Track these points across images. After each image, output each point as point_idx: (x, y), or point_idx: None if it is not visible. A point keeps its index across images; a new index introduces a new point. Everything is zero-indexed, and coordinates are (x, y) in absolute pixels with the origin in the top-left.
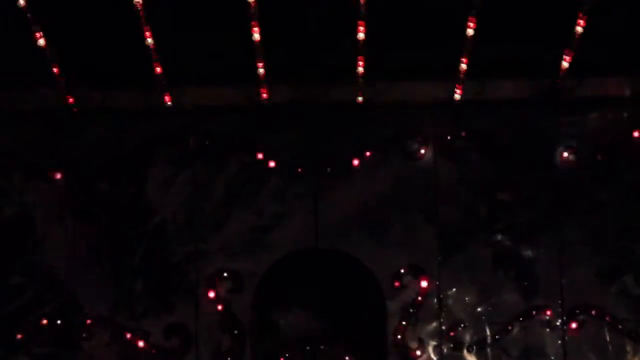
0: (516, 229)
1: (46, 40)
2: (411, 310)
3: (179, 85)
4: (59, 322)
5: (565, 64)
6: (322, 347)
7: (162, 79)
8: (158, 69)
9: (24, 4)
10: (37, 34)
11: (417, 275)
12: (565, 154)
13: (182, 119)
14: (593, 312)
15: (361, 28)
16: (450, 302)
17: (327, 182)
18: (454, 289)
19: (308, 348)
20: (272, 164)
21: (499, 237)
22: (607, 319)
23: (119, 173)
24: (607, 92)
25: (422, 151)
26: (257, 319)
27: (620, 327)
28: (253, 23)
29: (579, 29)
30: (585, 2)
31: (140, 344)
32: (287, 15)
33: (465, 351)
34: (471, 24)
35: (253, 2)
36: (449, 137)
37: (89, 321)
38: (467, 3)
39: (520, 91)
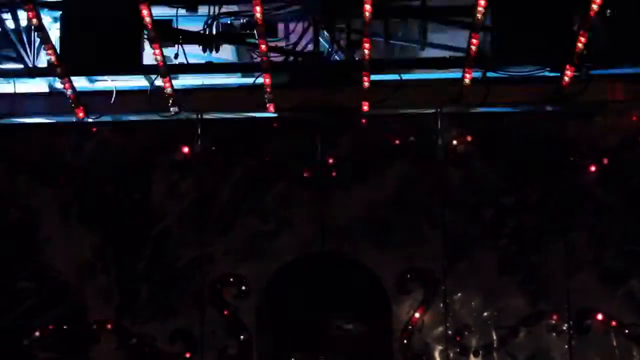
0: (522, 234)
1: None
2: (417, 315)
3: (184, 91)
4: (64, 327)
5: (571, 68)
6: (328, 351)
7: (168, 85)
8: (164, 74)
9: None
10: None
11: (424, 279)
12: (571, 159)
13: (187, 125)
14: (599, 317)
15: (367, 31)
16: (456, 306)
17: (333, 186)
18: (460, 294)
19: (315, 353)
20: (277, 168)
21: (505, 241)
22: (613, 323)
23: (125, 178)
24: (613, 97)
25: (428, 156)
26: (263, 323)
27: (626, 331)
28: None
29: (586, 33)
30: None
31: (146, 348)
32: None
33: (471, 356)
34: (476, 34)
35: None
36: (455, 142)
37: (94, 326)
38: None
39: (526, 96)
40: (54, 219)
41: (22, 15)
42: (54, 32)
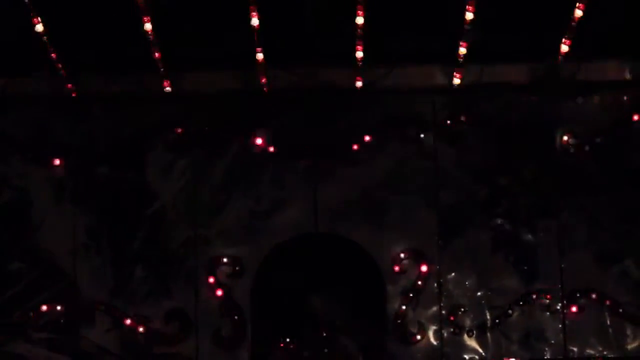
0: (516, 213)
1: (45, 25)
2: (411, 295)
3: (178, 71)
4: (58, 307)
5: (564, 48)
6: (322, 331)
7: (161, 64)
8: (157, 55)
9: None
10: (35, 20)
11: (417, 259)
12: (565, 138)
13: (181, 105)
14: (593, 296)
15: (360, 12)
16: (450, 286)
17: (327, 167)
18: (454, 273)
19: (308, 333)
20: (271, 149)
21: (499, 221)
22: (607, 302)
23: (119, 158)
24: (607, 76)
25: (422, 135)
26: (257, 304)
27: (620, 310)
28: (251, 8)
29: (579, 13)
30: None
31: (140, 329)
32: (285, 1)
33: (465, 335)
34: (470, 8)
35: None
36: (448, 122)
37: (88, 307)
38: None
39: (519, 75)
40: (48, 200)
41: None
42: None
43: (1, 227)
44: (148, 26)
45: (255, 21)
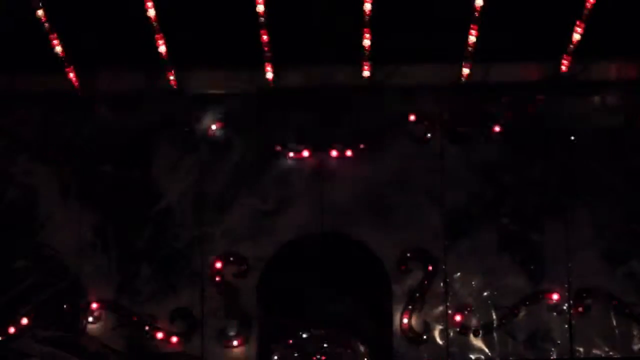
0: (522, 213)
1: (51, 23)
2: (417, 294)
3: (185, 69)
4: (64, 305)
5: (571, 48)
6: (328, 331)
7: (168, 62)
8: (164, 52)
9: None
10: (42, 18)
11: (423, 259)
12: (571, 138)
13: (187, 103)
14: (600, 296)
15: (367, 11)
16: (456, 286)
17: (333, 165)
18: (460, 273)
19: (314, 331)
20: (277, 147)
21: (505, 220)
22: (613, 303)
23: (124, 156)
24: (613, 76)
25: (429, 134)
26: (263, 303)
27: (627, 310)
28: (259, 6)
29: (586, 13)
30: None
31: (146, 327)
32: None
33: (471, 335)
34: (477, 6)
35: None
36: (455, 121)
37: (94, 305)
38: None
39: (526, 75)
40: (54, 198)
41: None
42: None
43: (7, 225)
44: (155, 24)
45: (262, 20)
